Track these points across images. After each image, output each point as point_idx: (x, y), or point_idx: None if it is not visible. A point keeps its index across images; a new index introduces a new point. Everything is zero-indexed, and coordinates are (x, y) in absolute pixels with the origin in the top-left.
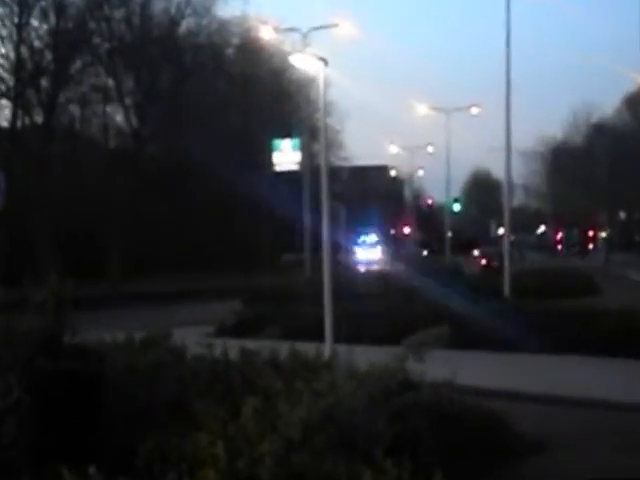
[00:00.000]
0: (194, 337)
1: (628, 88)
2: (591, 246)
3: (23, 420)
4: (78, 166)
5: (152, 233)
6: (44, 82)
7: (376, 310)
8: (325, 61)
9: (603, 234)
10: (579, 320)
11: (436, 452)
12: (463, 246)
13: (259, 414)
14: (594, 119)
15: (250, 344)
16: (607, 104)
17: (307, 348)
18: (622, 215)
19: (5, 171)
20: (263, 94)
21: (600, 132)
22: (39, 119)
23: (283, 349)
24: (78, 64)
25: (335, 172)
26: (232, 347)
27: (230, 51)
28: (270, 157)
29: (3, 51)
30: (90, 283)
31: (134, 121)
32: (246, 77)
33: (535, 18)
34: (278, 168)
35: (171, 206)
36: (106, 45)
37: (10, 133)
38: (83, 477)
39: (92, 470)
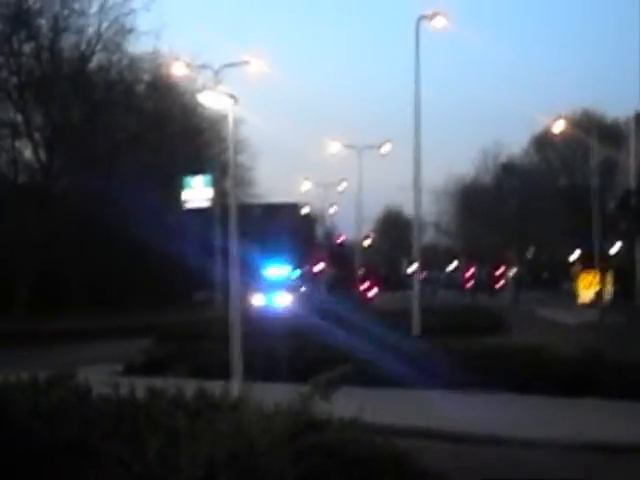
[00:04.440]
0: (102, 376)
1: (535, 129)
2: (501, 283)
3: None
4: None
5: (61, 270)
6: None
7: (285, 348)
8: (234, 98)
9: (512, 272)
10: (485, 358)
11: None
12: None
13: (162, 454)
14: (503, 158)
15: (158, 383)
16: (516, 144)
17: (215, 386)
18: (530, 253)
19: None
20: (174, 130)
21: (509, 171)
22: None
23: (190, 388)
24: None
25: (247, 210)
26: (139, 386)
27: (141, 87)
28: (180, 194)
29: None
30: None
31: (43, 157)
32: (157, 113)
33: (445, 58)
34: (189, 205)
35: (81, 243)
36: (14, 80)
37: None
38: None
39: None
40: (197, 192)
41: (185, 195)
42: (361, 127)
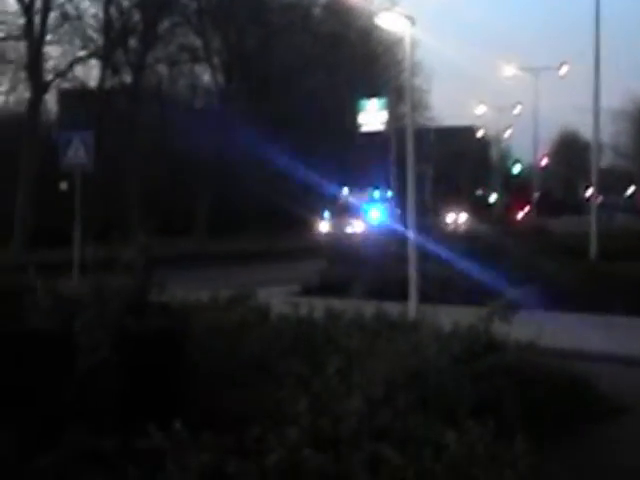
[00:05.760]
0: (279, 296)
1: None
2: None
3: (111, 377)
4: (166, 126)
5: (239, 192)
6: (132, 42)
7: (462, 270)
8: (412, 20)
9: None
10: None
11: (519, 414)
12: (552, 208)
13: (342, 373)
14: None
15: (335, 303)
16: None
17: (391, 308)
18: None
19: (94, 131)
20: (350, 54)
21: None
22: (127, 79)
23: (368, 309)
24: (166, 24)
25: (422, 133)
26: (317, 306)
27: (317, 10)
28: (356, 117)
29: (92, 11)
30: (178, 242)
31: (221, 80)
32: (333, 37)
33: None
34: (364, 129)
35: (258, 165)
36: (194, 5)
37: (99, 93)
38: (168, 433)
39: (177, 426)
40: (372, 116)
41: (361, 119)
42: (537, 49)
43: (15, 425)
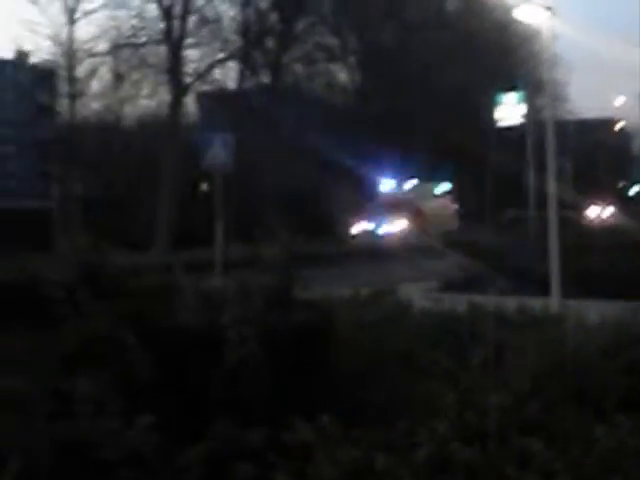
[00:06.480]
0: (420, 292)
1: None
2: None
3: (258, 371)
4: (303, 125)
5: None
6: (269, 43)
7: (606, 265)
8: (552, 11)
9: None
10: None
11: None
12: None
13: (487, 366)
14: None
15: (477, 299)
16: None
17: (533, 303)
18: None
19: (234, 132)
20: (486, 48)
21: None
22: (265, 79)
23: (510, 303)
24: (302, 24)
25: (560, 126)
26: (458, 301)
27: (453, 5)
28: (493, 112)
29: (230, 13)
30: (318, 240)
31: (357, 79)
32: (469, 31)
33: None
34: (501, 123)
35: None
36: (330, 4)
37: (237, 94)
38: (316, 427)
39: (325, 419)
40: (509, 110)
41: (497, 113)
42: None
43: (166, 418)
